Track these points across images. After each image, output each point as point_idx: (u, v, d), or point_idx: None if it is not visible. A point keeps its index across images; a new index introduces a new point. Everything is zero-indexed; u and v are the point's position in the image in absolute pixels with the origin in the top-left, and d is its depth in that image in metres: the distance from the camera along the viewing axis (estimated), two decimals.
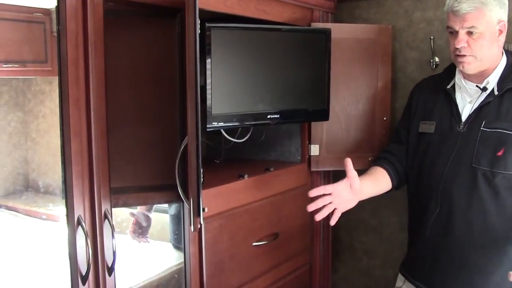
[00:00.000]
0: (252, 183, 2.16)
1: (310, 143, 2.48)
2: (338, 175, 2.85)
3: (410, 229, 2.28)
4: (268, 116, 2.15)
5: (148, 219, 2.12)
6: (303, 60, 2.27)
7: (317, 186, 2.54)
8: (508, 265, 1.97)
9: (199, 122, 1.56)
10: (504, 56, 2.03)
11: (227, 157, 2.50)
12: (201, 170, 1.59)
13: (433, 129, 2.11)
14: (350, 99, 2.49)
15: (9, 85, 3.07)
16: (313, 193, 1.95)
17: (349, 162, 1.99)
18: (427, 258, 2.11)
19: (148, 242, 2.14)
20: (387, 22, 2.69)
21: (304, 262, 2.55)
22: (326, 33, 2.33)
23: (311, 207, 1.93)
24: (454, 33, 1.96)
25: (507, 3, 1.96)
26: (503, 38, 1.98)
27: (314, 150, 2.49)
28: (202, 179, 1.62)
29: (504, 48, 2.05)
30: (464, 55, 1.95)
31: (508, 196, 1.96)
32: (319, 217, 1.94)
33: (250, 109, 2.10)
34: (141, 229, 2.10)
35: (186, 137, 1.62)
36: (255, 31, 2.10)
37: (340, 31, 2.45)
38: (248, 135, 2.35)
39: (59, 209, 2.93)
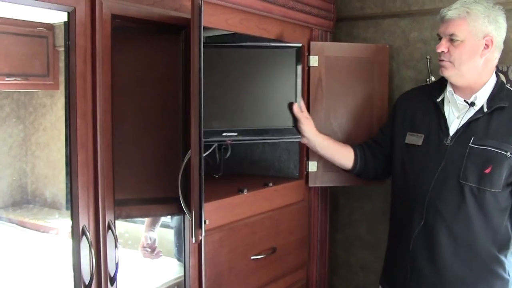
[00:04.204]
0: (252, 197, 2.19)
1: (308, 159, 2.51)
2: (335, 191, 2.90)
3: (391, 241, 2.31)
4: (224, 134, 2.08)
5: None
6: (272, 77, 2.23)
7: (315, 202, 2.60)
8: (490, 279, 2.02)
9: (202, 136, 1.59)
10: (494, 76, 2.07)
11: (226, 172, 2.53)
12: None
13: (421, 141, 2.13)
14: (348, 116, 2.53)
15: (10, 98, 3.10)
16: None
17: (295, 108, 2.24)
18: (410, 270, 2.12)
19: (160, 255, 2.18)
20: (385, 41, 2.75)
21: (301, 276, 2.57)
22: (297, 49, 2.27)
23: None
24: (440, 40, 2.04)
25: (500, 21, 1.99)
26: (491, 54, 2.00)
27: (312, 166, 2.52)
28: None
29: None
30: (443, 60, 2.02)
31: (493, 212, 2.00)
32: None
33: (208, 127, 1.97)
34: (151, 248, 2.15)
35: (189, 150, 1.65)
36: (223, 49, 2.09)
37: (338, 50, 2.51)
38: (229, 153, 2.34)
39: (58, 221, 2.95)
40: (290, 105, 2.23)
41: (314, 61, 2.47)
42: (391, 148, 2.29)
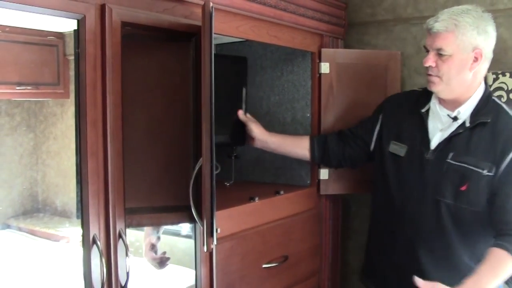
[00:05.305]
0: (263, 205, 2.18)
1: (319, 167, 2.50)
2: (347, 199, 2.88)
3: (374, 247, 2.27)
4: None
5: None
6: (220, 87, 2.24)
7: (326, 210, 2.58)
8: None
9: (213, 144, 1.58)
10: (482, 87, 1.98)
11: (237, 180, 2.52)
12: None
13: (404, 152, 2.07)
14: None
15: (21, 106, 3.11)
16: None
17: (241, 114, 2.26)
18: (397, 280, 2.08)
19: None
20: (396, 48, 2.73)
21: (313, 285, 2.55)
22: (242, 61, 2.30)
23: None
24: (427, 52, 1.96)
25: (490, 31, 1.90)
26: (479, 66, 1.92)
27: (324, 174, 2.50)
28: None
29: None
30: (431, 75, 1.94)
31: (471, 228, 1.95)
32: None
33: None
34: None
35: (201, 158, 1.64)
36: None
37: (349, 57, 2.49)
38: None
39: (69, 230, 2.95)
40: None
41: (325, 68, 2.45)
42: (373, 151, 2.24)
